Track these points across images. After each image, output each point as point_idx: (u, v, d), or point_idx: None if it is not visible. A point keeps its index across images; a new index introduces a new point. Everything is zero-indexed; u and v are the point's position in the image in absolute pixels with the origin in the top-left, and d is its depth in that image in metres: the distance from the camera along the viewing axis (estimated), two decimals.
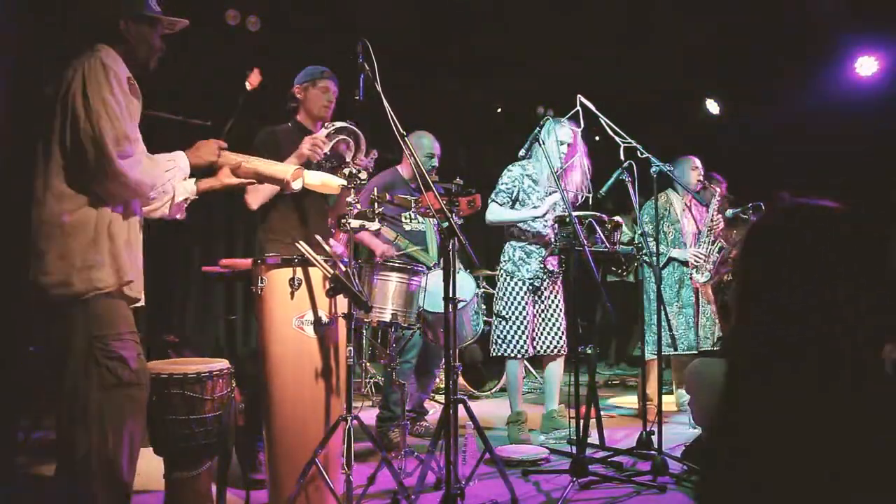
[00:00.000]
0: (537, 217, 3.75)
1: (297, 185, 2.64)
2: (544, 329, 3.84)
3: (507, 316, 3.79)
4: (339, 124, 2.85)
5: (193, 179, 2.32)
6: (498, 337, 3.83)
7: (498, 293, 3.89)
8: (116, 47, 2.03)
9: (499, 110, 6.97)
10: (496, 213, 3.81)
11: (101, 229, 1.94)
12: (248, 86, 2.64)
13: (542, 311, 3.85)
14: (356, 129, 2.85)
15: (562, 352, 3.86)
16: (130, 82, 2.01)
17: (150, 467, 2.46)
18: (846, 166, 5.64)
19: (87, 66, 1.91)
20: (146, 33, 2.10)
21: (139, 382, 1.99)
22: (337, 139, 2.83)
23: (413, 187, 3.91)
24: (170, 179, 2.10)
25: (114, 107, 1.90)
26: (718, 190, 4.46)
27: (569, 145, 3.77)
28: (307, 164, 2.77)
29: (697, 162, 4.55)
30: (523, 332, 3.77)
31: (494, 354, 3.87)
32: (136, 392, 1.97)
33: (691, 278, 4.38)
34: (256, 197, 2.93)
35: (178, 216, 2.31)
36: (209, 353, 5.18)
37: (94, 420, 1.88)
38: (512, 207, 3.82)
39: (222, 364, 2.45)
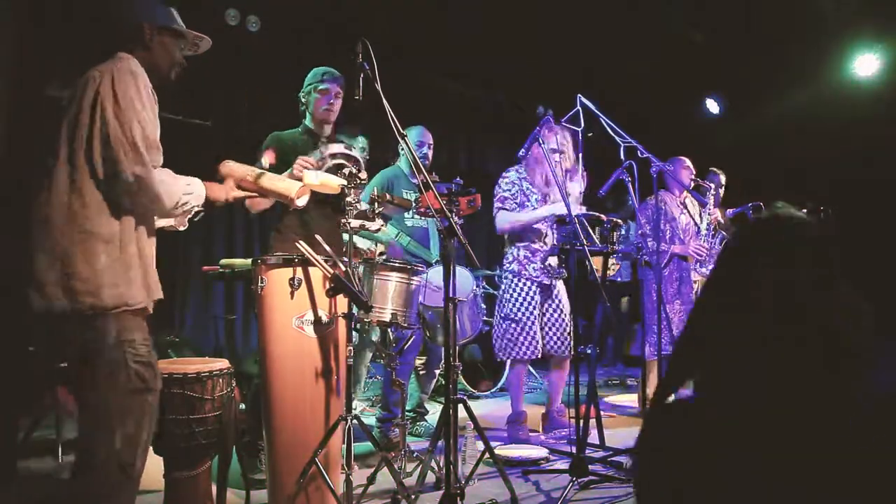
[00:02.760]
0: (554, 212, 3.72)
1: (301, 202, 2.63)
2: (552, 329, 3.84)
3: (516, 318, 3.76)
4: (333, 149, 2.79)
5: None
6: (508, 341, 3.79)
7: (503, 295, 3.87)
8: (139, 56, 2.02)
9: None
10: (508, 218, 3.79)
11: (129, 241, 1.94)
12: (264, 162, 2.64)
13: (550, 310, 3.85)
14: (356, 154, 2.81)
15: (569, 353, 3.85)
16: (152, 93, 2.01)
17: (149, 467, 2.45)
18: (846, 165, 5.65)
19: (115, 72, 1.90)
20: (169, 45, 2.10)
21: (158, 388, 2.02)
22: (330, 164, 2.79)
23: (414, 182, 3.91)
24: (183, 204, 2.09)
25: (145, 115, 1.91)
26: (712, 185, 4.49)
27: (560, 153, 3.76)
28: None
29: (688, 162, 4.57)
30: (534, 334, 3.76)
31: (502, 359, 3.83)
32: (154, 398, 2.00)
33: (693, 272, 4.38)
34: (259, 202, 2.91)
35: (180, 228, 2.31)
36: (209, 353, 5.18)
37: (119, 423, 1.90)
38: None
39: (222, 364, 2.45)
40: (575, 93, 3.40)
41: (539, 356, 3.81)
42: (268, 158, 2.65)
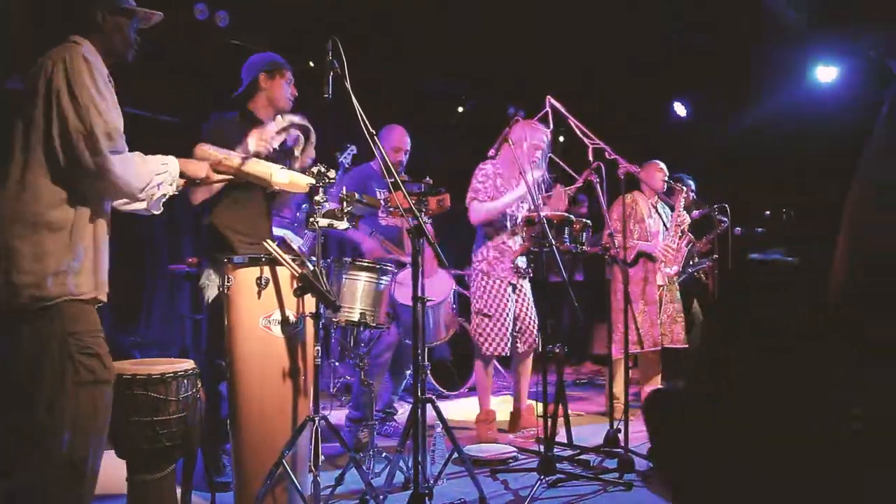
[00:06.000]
0: (519, 196, 3.75)
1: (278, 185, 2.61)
2: (522, 326, 3.87)
3: (490, 313, 3.79)
4: (290, 119, 2.74)
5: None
6: (480, 335, 3.82)
7: (475, 293, 3.89)
8: (93, 39, 2.00)
9: (460, 109, 7.01)
10: (480, 210, 3.81)
11: (81, 231, 1.91)
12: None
13: (521, 308, 3.88)
14: (306, 123, 2.77)
15: (530, 349, 3.89)
16: (108, 79, 1.99)
17: (111, 470, 2.41)
18: (807, 168, 5.80)
19: (68, 60, 1.87)
20: (122, 25, 2.07)
21: (111, 380, 1.98)
22: (285, 136, 2.74)
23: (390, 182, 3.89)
24: (159, 184, 2.07)
25: (101, 102, 1.88)
26: (684, 189, 4.56)
27: (542, 150, 3.79)
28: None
29: (662, 165, 4.64)
30: (506, 330, 3.79)
31: (484, 353, 3.85)
32: (108, 389, 1.97)
33: (657, 273, 4.45)
34: (202, 192, 2.78)
35: (154, 211, 2.26)
36: (175, 353, 5.10)
37: (68, 417, 1.85)
38: None
39: (188, 364, 2.41)
40: (545, 93, 3.43)
41: (507, 353, 3.84)
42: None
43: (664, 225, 4.58)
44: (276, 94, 3.01)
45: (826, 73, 5.90)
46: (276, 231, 3.86)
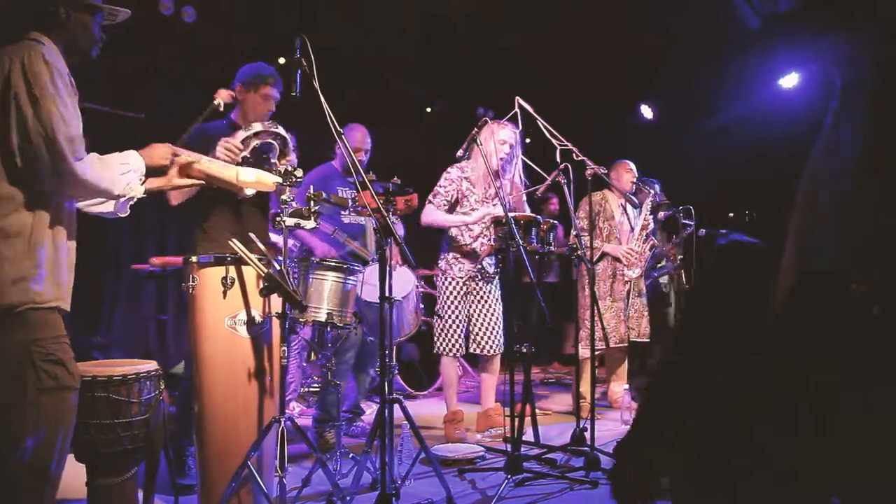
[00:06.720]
0: (468, 223, 3.77)
1: (250, 191, 2.58)
2: (482, 328, 3.88)
3: (442, 314, 3.83)
4: (256, 128, 2.70)
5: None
6: (436, 335, 3.87)
7: (438, 293, 3.93)
8: (55, 36, 1.94)
9: (428, 109, 7.02)
10: (431, 214, 3.82)
11: (40, 236, 1.85)
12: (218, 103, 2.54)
13: (479, 310, 3.89)
14: (281, 132, 2.75)
15: (498, 351, 3.90)
16: (69, 79, 1.93)
17: (71, 474, 2.35)
18: (769, 170, 5.94)
19: (27, 61, 1.81)
20: (86, 22, 2.01)
21: (76, 386, 1.94)
22: (255, 143, 2.71)
23: (350, 181, 3.88)
24: (128, 183, 2.02)
25: (62, 107, 1.83)
26: (651, 192, 4.63)
27: (511, 145, 3.81)
28: None
29: (631, 165, 4.71)
30: (457, 330, 3.81)
31: (435, 352, 3.89)
32: (72, 396, 1.93)
33: (623, 273, 4.52)
34: (179, 193, 2.79)
35: (121, 213, 2.21)
36: (139, 355, 5.00)
37: (31, 423, 1.82)
38: (450, 211, 3.84)
39: (150, 365, 2.37)
40: (514, 94, 3.45)
41: (463, 353, 3.87)
42: (221, 99, 2.56)
43: (631, 226, 4.65)
44: (248, 108, 3.02)
45: (788, 80, 6.04)
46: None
